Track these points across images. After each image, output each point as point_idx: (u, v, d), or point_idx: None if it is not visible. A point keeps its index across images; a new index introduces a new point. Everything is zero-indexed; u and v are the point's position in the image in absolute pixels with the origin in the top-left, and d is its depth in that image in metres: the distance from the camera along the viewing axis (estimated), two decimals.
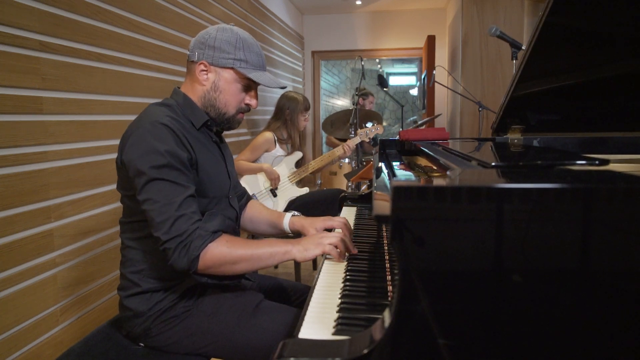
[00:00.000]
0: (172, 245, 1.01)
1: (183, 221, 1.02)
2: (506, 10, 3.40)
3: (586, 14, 1.00)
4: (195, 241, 1.02)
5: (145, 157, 1.04)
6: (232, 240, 1.07)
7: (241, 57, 1.18)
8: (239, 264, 1.06)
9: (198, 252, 1.02)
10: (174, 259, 1.02)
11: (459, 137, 3.83)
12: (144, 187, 1.04)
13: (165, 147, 1.05)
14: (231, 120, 1.26)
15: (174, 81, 2.32)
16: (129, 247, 1.18)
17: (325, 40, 5.58)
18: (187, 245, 1.02)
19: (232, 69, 1.19)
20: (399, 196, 0.61)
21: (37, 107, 1.47)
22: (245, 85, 1.22)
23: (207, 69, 1.19)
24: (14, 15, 1.38)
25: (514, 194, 0.59)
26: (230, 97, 1.22)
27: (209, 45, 1.17)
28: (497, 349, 0.61)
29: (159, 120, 1.08)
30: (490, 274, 0.60)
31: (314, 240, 1.11)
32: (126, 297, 1.15)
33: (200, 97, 1.22)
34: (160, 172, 1.04)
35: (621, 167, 0.96)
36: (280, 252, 1.09)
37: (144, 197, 1.04)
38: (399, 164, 1.42)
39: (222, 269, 1.06)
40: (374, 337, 0.66)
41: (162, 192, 1.03)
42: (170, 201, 1.03)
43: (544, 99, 1.29)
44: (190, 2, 2.52)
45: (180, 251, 1.01)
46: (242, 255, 1.06)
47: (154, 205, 1.03)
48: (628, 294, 0.58)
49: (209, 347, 1.12)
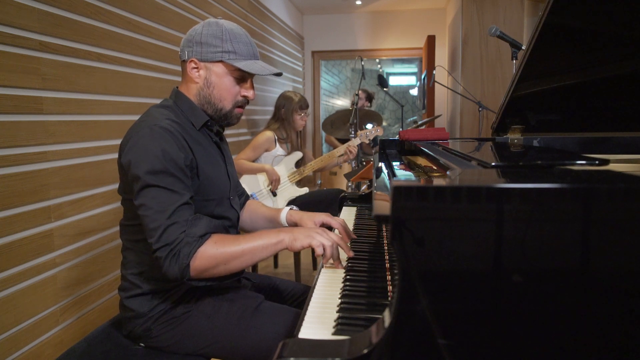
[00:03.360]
0: (162, 254, 1.00)
1: (173, 229, 1.00)
2: (506, 10, 3.40)
3: (586, 14, 1.00)
4: (184, 249, 1.00)
5: (143, 162, 1.03)
6: (220, 240, 1.05)
7: (229, 49, 1.16)
8: (232, 262, 1.04)
9: (188, 260, 1.00)
10: (165, 268, 1.00)
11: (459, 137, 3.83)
12: (140, 193, 1.03)
13: (163, 153, 1.04)
14: (229, 116, 1.24)
15: (174, 81, 2.32)
16: (130, 249, 1.18)
17: (325, 40, 5.58)
18: (176, 254, 1.00)
19: (221, 62, 1.17)
20: (399, 196, 0.62)
21: (37, 107, 1.47)
22: (239, 77, 1.20)
23: (197, 66, 1.18)
24: (14, 15, 1.38)
25: (514, 194, 0.59)
26: (224, 92, 1.20)
27: (196, 41, 1.16)
28: (497, 349, 0.61)
29: (159, 124, 1.07)
30: (490, 274, 0.60)
31: (305, 232, 1.09)
32: (127, 298, 1.15)
33: (196, 95, 1.20)
34: (156, 179, 1.02)
35: (621, 167, 0.96)
36: (273, 243, 1.07)
37: (139, 202, 1.03)
38: (399, 164, 1.42)
39: (215, 271, 1.04)
40: (374, 337, 0.66)
41: (155, 199, 1.02)
42: (163, 209, 1.01)
43: (544, 99, 1.29)
44: (190, 2, 2.52)
45: (170, 260, 1.00)
46: (234, 252, 1.04)
47: (147, 211, 1.02)
48: (628, 293, 0.58)
49: (209, 347, 1.12)
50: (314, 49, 5.63)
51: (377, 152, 1.80)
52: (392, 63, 9.05)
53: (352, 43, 5.52)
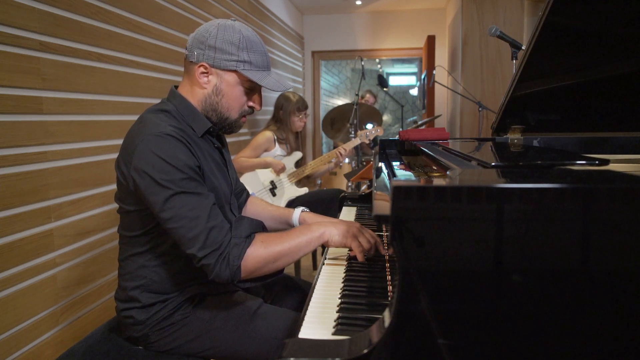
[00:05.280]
0: (211, 260, 0.97)
1: (216, 233, 0.98)
2: (506, 10, 3.40)
3: (586, 14, 1.00)
4: (233, 251, 0.99)
5: (161, 172, 0.97)
6: (267, 240, 1.04)
7: (245, 59, 1.10)
8: (279, 260, 1.04)
9: (239, 261, 0.98)
10: (216, 273, 0.98)
11: (459, 137, 3.83)
12: (166, 204, 0.97)
13: (179, 159, 0.99)
14: (233, 125, 1.20)
15: (174, 81, 2.32)
16: (129, 259, 1.14)
17: (325, 40, 5.58)
18: (226, 257, 0.98)
19: (235, 72, 1.12)
20: (399, 196, 0.62)
21: (37, 107, 1.47)
22: (249, 88, 1.16)
23: (207, 71, 1.11)
24: (14, 15, 1.38)
25: (514, 194, 0.59)
26: (233, 101, 1.15)
27: (209, 45, 1.09)
28: (497, 349, 0.61)
29: (165, 131, 1.01)
30: (490, 274, 0.60)
31: (350, 230, 1.10)
32: (123, 309, 1.13)
33: (201, 100, 1.14)
34: (181, 185, 0.98)
35: (621, 167, 0.96)
36: (316, 237, 1.08)
37: (168, 215, 0.98)
38: (399, 164, 1.42)
39: (264, 270, 1.04)
40: (374, 337, 0.66)
41: (187, 206, 0.97)
42: (198, 214, 0.97)
43: (544, 99, 1.29)
44: (190, 2, 2.52)
45: (221, 264, 0.97)
46: (281, 250, 1.04)
47: (181, 221, 0.97)
48: (628, 293, 0.58)
49: (208, 351, 1.12)
50: (314, 49, 5.63)
51: (377, 152, 1.80)
52: (392, 63, 9.05)
53: (352, 43, 5.52)
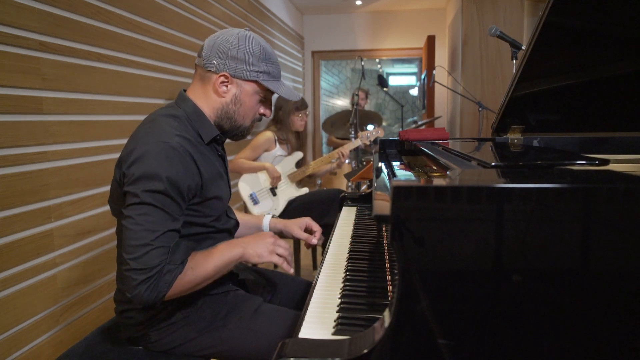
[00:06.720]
0: (137, 276, 0.94)
1: (157, 254, 0.96)
2: (506, 10, 3.40)
3: (586, 14, 1.00)
4: (165, 277, 0.96)
5: (144, 180, 0.98)
6: (195, 264, 1.02)
7: (264, 69, 1.14)
8: (202, 283, 1.04)
9: (167, 289, 0.96)
10: (138, 292, 0.94)
11: (459, 137, 3.83)
12: (132, 206, 0.98)
13: (167, 174, 0.99)
14: (245, 132, 1.22)
15: (174, 81, 2.32)
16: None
17: (325, 41, 5.58)
18: (155, 282, 0.95)
19: (255, 82, 1.15)
20: (399, 196, 0.62)
21: (37, 107, 1.47)
22: (264, 97, 1.19)
23: (228, 81, 1.13)
24: (14, 15, 1.38)
25: (514, 194, 0.59)
26: (249, 110, 1.18)
27: (231, 55, 1.11)
28: (497, 348, 0.61)
29: (169, 143, 1.01)
30: (490, 273, 0.60)
31: (264, 246, 1.11)
32: (122, 311, 1.13)
33: (217, 108, 1.16)
34: (157, 199, 0.98)
35: (621, 167, 0.96)
36: (235, 259, 1.08)
37: (128, 214, 0.98)
38: (399, 164, 1.42)
39: (188, 292, 1.03)
40: (374, 337, 0.66)
41: (147, 217, 0.97)
42: (153, 229, 0.96)
43: (544, 99, 1.29)
44: (190, 2, 2.52)
45: (147, 287, 0.94)
46: (206, 275, 1.03)
47: (134, 226, 0.96)
48: (628, 293, 0.58)
49: (208, 350, 1.12)
50: (314, 49, 5.63)
51: (377, 152, 1.80)
52: (392, 63, 9.05)
53: (352, 43, 5.52)
